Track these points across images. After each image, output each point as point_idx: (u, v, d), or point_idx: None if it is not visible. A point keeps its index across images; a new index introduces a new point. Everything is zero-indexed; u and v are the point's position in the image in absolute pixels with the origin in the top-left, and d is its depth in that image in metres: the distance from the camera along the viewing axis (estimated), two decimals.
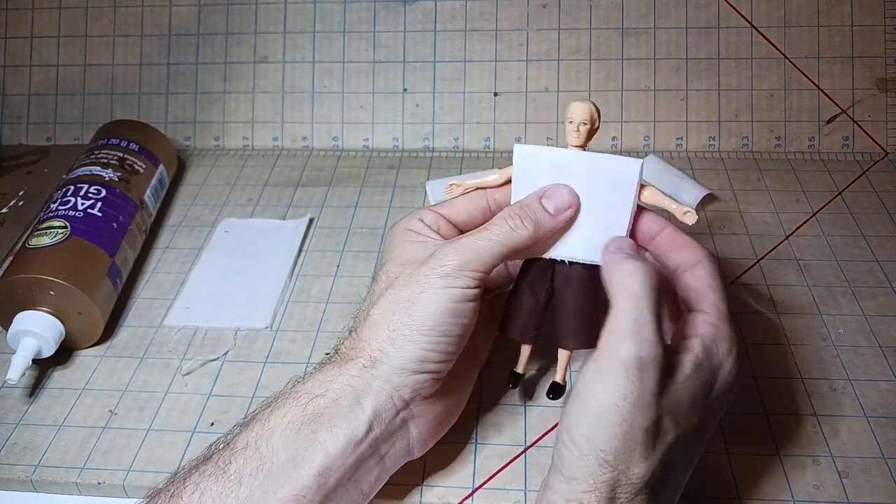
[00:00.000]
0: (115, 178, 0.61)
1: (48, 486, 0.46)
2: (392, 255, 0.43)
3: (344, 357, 0.41)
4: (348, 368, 0.40)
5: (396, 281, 0.41)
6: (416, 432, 0.41)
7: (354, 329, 0.42)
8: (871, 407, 0.48)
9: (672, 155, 0.72)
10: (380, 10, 0.75)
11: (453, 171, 0.71)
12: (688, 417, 0.37)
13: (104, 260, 0.55)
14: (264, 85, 0.76)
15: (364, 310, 0.42)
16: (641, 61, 0.73)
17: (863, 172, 0.69)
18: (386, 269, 0.43)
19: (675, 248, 0.42)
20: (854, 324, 0.53)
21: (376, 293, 0.42)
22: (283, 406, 0.39)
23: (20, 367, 0.49)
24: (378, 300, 0.41)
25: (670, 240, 0.42)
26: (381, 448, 0.40)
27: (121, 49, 0.77)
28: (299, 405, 0.39)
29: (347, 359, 0.41)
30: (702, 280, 0.40)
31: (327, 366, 0.41)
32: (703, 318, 0.39)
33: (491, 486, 0.44)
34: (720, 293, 0.40)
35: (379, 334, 0.40)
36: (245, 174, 0.72)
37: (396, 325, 0.40)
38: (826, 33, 0.72)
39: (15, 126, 0.78)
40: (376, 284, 0.43)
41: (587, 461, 0.35)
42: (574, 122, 0.43)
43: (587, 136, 0.43)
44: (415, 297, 0.40)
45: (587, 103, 0.43)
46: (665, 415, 0.36)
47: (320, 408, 0.39)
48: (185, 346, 0.54)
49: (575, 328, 0.43)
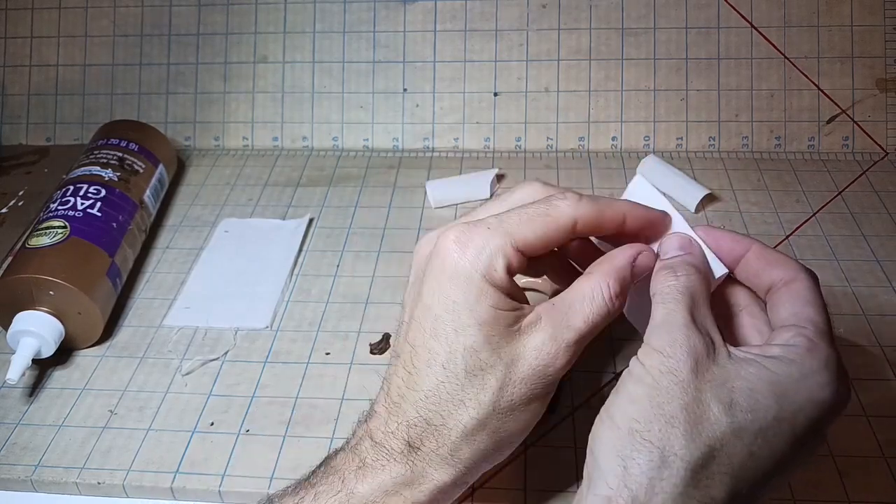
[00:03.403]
0: (114, 178, 0.61)
1: (48, 486, 0.46)
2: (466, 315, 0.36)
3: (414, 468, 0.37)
4: (427, 491, 0.37)
5: (483, 396, 0.36)
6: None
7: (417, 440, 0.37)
8: (871, 406, 0.48)
9: (672, 155, 0.72)
10: (380, 10, 0.75)
11: (453, 171, 0.71)
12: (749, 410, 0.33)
13: (104, 260, 0.55)
14: (264, 85, 0.76)
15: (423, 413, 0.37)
16: (641, 61, 0.73)
17: (863, 172, 0.69)
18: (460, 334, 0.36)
19: (768, 266, 0.39)
20: (854, 323, 0.53)
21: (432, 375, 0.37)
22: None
23: (20, 367, 0.49)
24: (462, 429, 0.36)
25: (759, 258, 0.39)
26: None
27: (121, 49, 0.77)
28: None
29: (420, 477, 0.37)
30: (798, 294, 0.37)
31: (401, 485, 0.37)
32: (795, 331, 0.36)
33: (491, 486, 0.44)
34: (820, 309, 0.37)
35: (461, 466, 0.37)
36: (245, 174, 0.72)
37: (490, 452, 0.37)
38: (826, 33, 0.72)
39: (15, 126, 0.78)
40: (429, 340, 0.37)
41: (622, 437, 0.34)
42: None
43: None
44: (516, 425, 0.37)
45: None
46: (710, 398, 0.33)
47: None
48: (185, 346, 0.54)
49: None
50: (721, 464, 0.33)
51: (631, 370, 0.35)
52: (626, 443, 0.33)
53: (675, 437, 0.33)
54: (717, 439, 0.33)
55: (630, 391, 0.35)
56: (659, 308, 0.37)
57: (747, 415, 0.33)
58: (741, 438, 0.33)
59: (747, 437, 0.33)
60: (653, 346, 0.35)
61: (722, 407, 0.33)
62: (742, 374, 0.34)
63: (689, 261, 0.38)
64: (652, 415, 0.33)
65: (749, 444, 0.33)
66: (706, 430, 0.33)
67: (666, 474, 0.32)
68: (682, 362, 0.34)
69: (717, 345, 0.35)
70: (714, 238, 0.40)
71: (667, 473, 0.32)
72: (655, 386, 0.34)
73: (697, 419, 0.33)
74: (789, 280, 0.38)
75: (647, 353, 0.35)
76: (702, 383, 0.34)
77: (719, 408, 0.33)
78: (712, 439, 0.33)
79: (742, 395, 0.34)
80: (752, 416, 0.33)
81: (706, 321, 0.36)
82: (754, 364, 0.35)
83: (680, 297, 0.36)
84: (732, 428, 0.33)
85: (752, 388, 0.34)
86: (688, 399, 0.33)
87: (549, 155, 0.73)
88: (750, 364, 0.35)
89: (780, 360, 0.35)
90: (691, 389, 0.34)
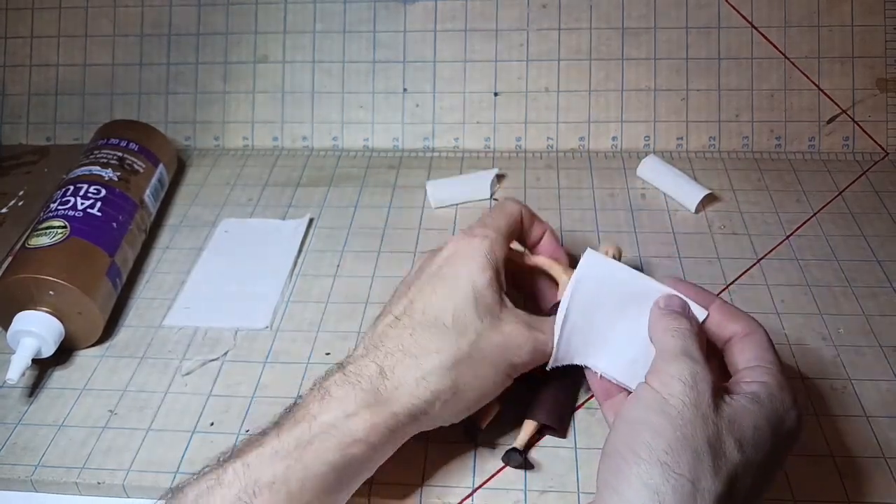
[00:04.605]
0: (114, 177, 0.61)
1: (48, 486, 0.46)
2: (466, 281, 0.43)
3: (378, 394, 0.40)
4: (386, 418, 0.39)
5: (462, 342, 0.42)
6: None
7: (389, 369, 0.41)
8: (871, 406, 0.48)
9: (672, 155, 0.72)
10: (380, 10, 0.75)
11: (453, 171, 0.71)
12: (754, 445, 0.36)
13: (104, 260, 0.55)
14: (264, 85, 0.76)
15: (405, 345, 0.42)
16: (641, 61, 0.73)
17: (863, 172, 0.69)
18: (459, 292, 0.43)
19: (729, 319, 0.42)
20: (854, 323, 0.53)
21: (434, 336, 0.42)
22: (318, 443, 0.38)
23: (20, 367, 0.49)
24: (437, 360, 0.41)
25: (721, 312, 0.42)
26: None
27: (121, 49, 0.77)
28: (338, 447, 0.38)
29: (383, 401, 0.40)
30: (758, 343, 0.40)
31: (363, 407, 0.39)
32: (764, 370, 0.39)
33: (491, 486, 0.44)
34: (776, 356, 0.40)
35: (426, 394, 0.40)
36: (245, 174, 0.72)
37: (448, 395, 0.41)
38: (826, 33, 0.72)
39: (15, 126, 0.78)
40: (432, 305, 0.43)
41: (650, 469, 0.34)
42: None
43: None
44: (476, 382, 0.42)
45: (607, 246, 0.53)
46: (726, 434, 0.35)
47: (359, 455, 0.39)
48: (185, 346, 0.54)
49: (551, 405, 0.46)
50: (736, 498, 0.35)
51: (642, 396, 0.37)
52: (657, 474, 0.34)
53: (702, 471, 0.34)
54: (735, 475, 0.35)
55: (653, 422, 0.36)
56: (672, 341, 0.39)
57: (753, 450, 0.36)
58: (749, 472, 0.35)
59: (752, 470, 0.36)
60: (672, 374, 0.37)
61: (735, 443, 0.35)
62: (746, 412, 0.36)
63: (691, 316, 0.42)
64: (680, 447, 0.35)
65: (753, 476, 0.36)
66: (725, 465, 0.35)
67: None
68: (703, 396, 0.36)
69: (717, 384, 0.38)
70: (682, 290, 0.43)
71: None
72: (680, 418, 0.35)
73: (718, 454, 0.35)
74: (749, 332, 0.41)
75: (667, 383, 0.37)
76: (718, 419, 0.36)
77: (733, 443, 0.35)
78: (731, 475, 0.35)
79: (748, 432, 0.36)
80: (755, 450, 0.36)
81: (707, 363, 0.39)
82: (750, 402, 0.37)
83: (692, 335, 0.39)
84: (744, 463, 0.35)
85: (756, 425, 0.36)
86: (710, 433, 0.35)
87: (550, 155, 0.73)
88: (746, 401, 0.37)
89: (760, 396, 0.37)
90: (711, 424, 0.35)
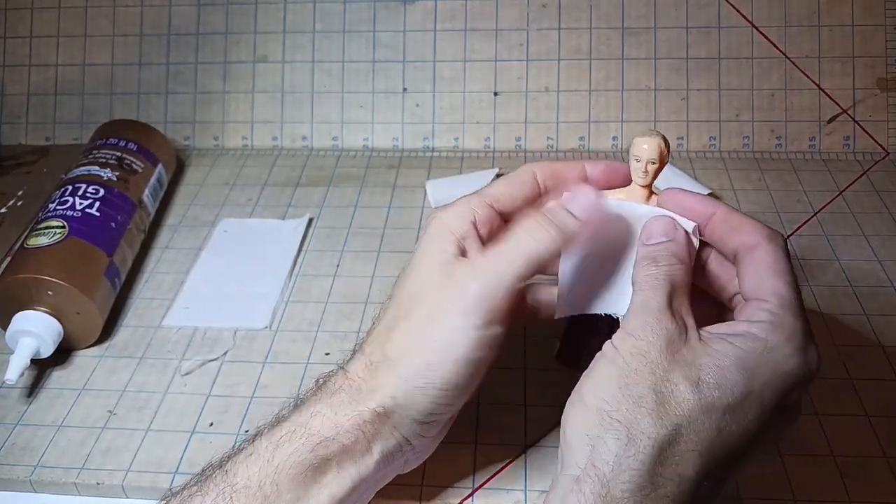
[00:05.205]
0: (113, 177, 0.61)
1: (47, 487, 0.46)
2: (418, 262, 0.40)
3: (355, 391, 0.39)
4: (361, 413, 0.38)
5: (414, 310, 0.39)
6: (412, 456, 0.41)
7: (370, 360, 0.39)
8: (871, 406, 0.47)
9: (673, 155, 0.71)
10: (380, 10, 0.75)
11: (453, 171, 0.71)
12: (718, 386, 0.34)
13: (102, 260, 0.55)
14: (264, 85, 0.76)
15: (380, 333, 0.40)
16: (641, 61, 0.73)
17: (864, 172, 0.69)
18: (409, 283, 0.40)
19: (732, 231, 0.38)
20: (855, 323, 0.53)
21: (397, 315, 0.39)
22: (287, 444, 0.37)
23: (19, 368, 0.49)
24: (394, 331, 0.39)
25: (724, 222, 0.38)
26: (382, 478, 0.40)
27: (120, 49, 0.77)
28: (307, 445, 0.37)
29: (359, 395, 0.38)
30: (760, 263, 0.37)
31: (336, 396, 0.39)
32: (757, 306, 0.36)
33: (491, 486, 0.44)
34: (782, 277, 0.36)
35: (392, 380, 0.38)
36: (244, 174, 0.72)
37: (411, 374, 0.38)
38: (827, 33, 0.72)
39: (14, 126, 0.77)
40: (399, 291, 0.40)
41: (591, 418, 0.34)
42: (642, 161, 0.40)
43: (654, 176, 0.40)
44: (433, 344, 0.38)
45: (656, 138, 0.39)
46: (679, 377, 0.34)
47: (330, 452, 0.37)
48: (185, 347, 0.54)
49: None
50: (689, 441, 0.33)
51: (604, 353, 0.36)
52: (595, 423, 0.34)
53: (641, 416, 0.33)
54: (685, 417, 0.34)
55: (601, 373, 0.36)
56: (637, 295, 0.37)
57: (714, 391, 0.34)
58: (709, 415, 0.34)
59: (715, 413, 0.34)
60: (626, 330, 0.36)
61: (689, 385, 0.34)
62: (709, 353, 0.35)
63: (672, 250, 0.38)
64: (620, 395, 0.34)
65: (717, 420, 0.34)
66: (673, 409, 0.34)
67: (632, 452, 0.33)
68: (651, 344, 0.35)
69: (690, 328, 0.36)
70: (678, 201, 0.40)
71: (633, 451, 0.33)
72: (625, 367, 0.35)
73: (665, 398, 0.34)
74: (752, 246, 0.37)
75: (621, 337, 0.36)
76: (671, 364, 0.34)
77: (687, 386, 0.34)
78: (679, 417, 0.33)
79: (709, 373, 0.34)
80: (720, 392, 0.34)
81: (682, 308, 0.37)
82: (721, 342, 0.35)
83: (658, 285, 0.37)
84: (700, 405, 0.34)
85: (719, 364, 0.34)
86: (656, 379, 0.34)
87: (550, 154, 0.73)
88: (717, 342, 0.35)
89: (745, 336, 0.35)
90: (660, 370, 0.34)
